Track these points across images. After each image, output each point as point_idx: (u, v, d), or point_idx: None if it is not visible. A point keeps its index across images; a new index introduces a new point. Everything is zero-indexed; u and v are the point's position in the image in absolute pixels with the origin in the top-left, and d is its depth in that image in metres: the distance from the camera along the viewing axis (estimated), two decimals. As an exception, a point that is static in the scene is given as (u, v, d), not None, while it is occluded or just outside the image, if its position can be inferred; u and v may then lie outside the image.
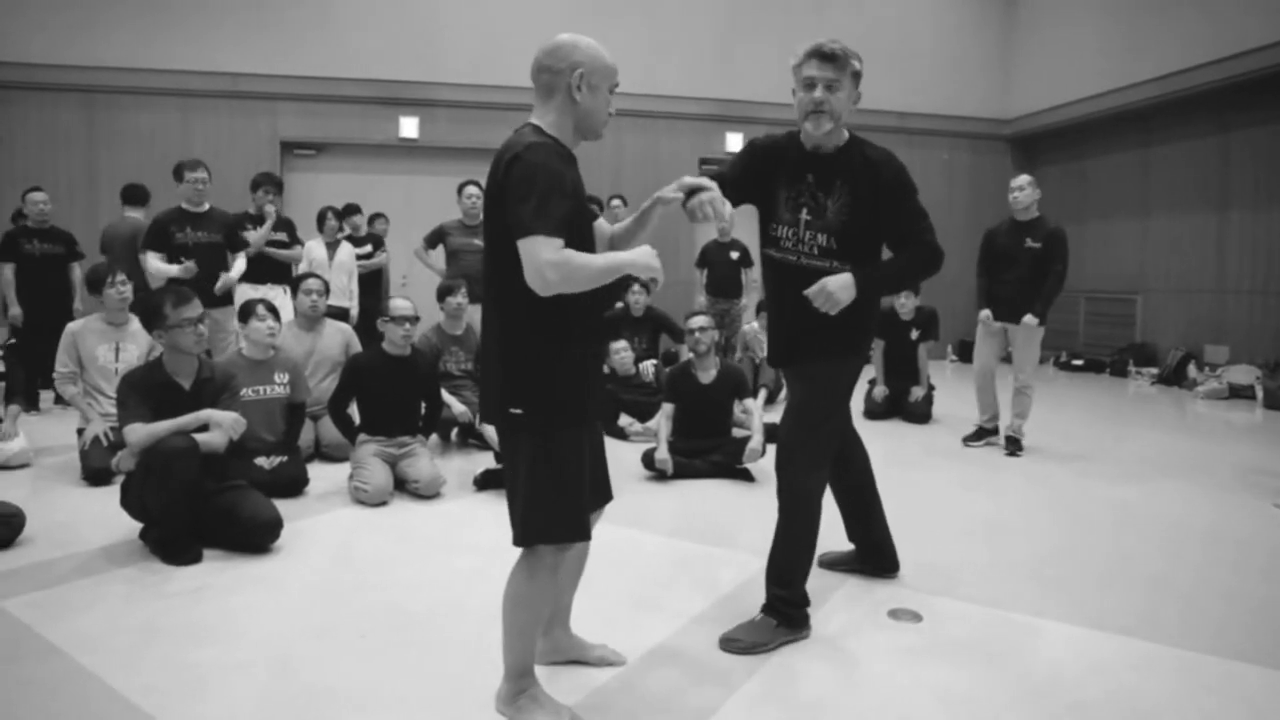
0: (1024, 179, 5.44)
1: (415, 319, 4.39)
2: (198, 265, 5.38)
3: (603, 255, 2.00)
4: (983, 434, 5.67)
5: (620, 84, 2.11)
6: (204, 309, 5.24)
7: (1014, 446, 5.40)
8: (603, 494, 2.25)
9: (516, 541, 2.03)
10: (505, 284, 1.97)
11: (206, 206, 5.59)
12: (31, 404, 6.10)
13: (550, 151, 1.93)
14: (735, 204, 2.60)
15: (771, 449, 4.95)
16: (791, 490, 2.65)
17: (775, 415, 6.42)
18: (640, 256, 2.02)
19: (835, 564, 3.19)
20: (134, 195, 6.81)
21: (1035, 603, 2.94)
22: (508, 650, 2.09)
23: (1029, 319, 5.28)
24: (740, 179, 2.67)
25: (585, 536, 2.07)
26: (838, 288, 2.45)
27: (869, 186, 2.55)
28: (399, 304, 4.42)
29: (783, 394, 7.14)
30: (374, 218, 7.97)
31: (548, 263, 1.86)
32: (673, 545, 3.34)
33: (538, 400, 1.97)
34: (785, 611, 2.62)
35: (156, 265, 5.37)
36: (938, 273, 2.65)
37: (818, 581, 3.10)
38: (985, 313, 5.56)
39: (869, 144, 2.66)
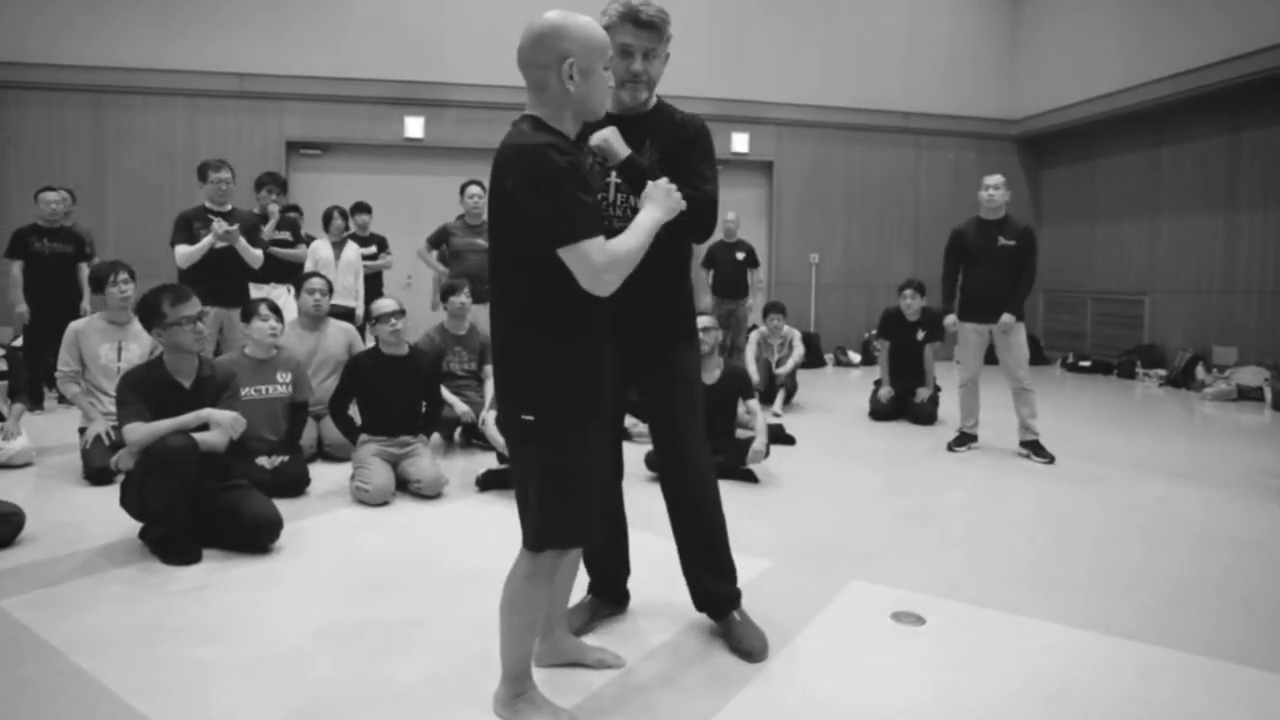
0: (998, 178, 5.39)
1: (400, 313, 4.39)
2: (222, 267, 5.34)
3: (633, 230, 1.95)
4: (966, 439, 5.56)
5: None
6: (221, 308, 5.33)
7: (1041, 451, 5.21)
8: (605, 498, 2.22)
9: (528, 545, 2.01)
10: (509, 286, 1.94)
11: (229, 206, 5.60)
12: (35, 403, 6.12)
13: (559, 150, 1.86)
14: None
15: (757, 449, 4.91)
16: (708, 485, 2.54)
17: (787, 418, 6.43)
18: (661, 205, 2.01)
19: (585, 627, 2.62)
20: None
21: (1040, 605, 2.91)
22: (504, 653, 2.07)
23: (1007, 318, 5.21)
24: None
25: (594, 541, 2.06)
26: (616, 137, 2.26)
27: (676, 144, 2.43)
28: (380, 303, 4.45)
29: (795, 397, 7.15)
30: (355, 208, 7.64)
31: (602, 266, 1.84)
32: (674, 547, 3.31)
33: (549, 405, 1.93)
34: (740, 594, 2.60)
35: (185, 250, 5.31)
36: (705, 230, 2.46)
37: (818, 584, 3.08)
38: (951, 318, 5.56)
39: (676, 108, 2.54)
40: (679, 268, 2.56)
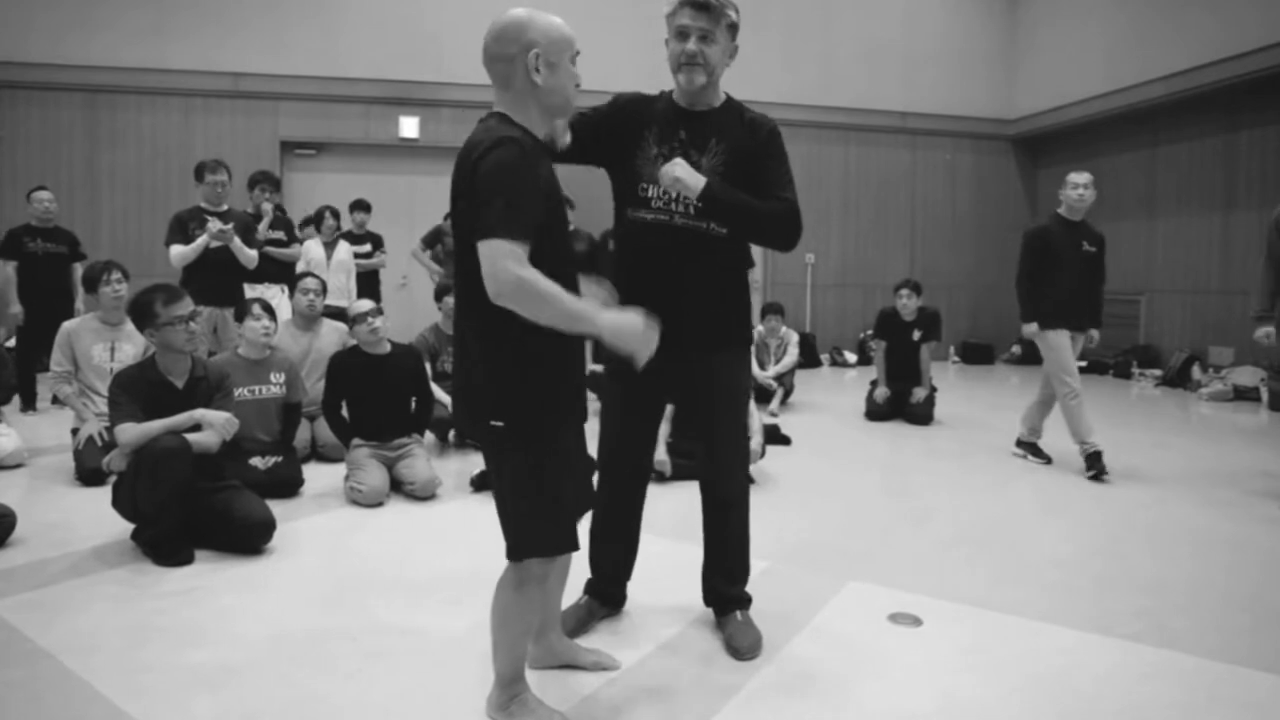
0: (1087, 176, 4.90)
1: (377, 312, 4.38)
2: (215, 267, 5.31)
3: (576, 301, 1.82)
4: (1100, 459, 4.78)
5: (620, 84, 2.00)
6: (214, 308, 5.30)
7: (1039, 453, 5.10)
8: (585, 500, 2.20)
9: (510, 555, 1.98)
10: (475, 288, 1.87)
11: (225, 207, 5.58)
12: (28, 404, 6.09)
13: (521, 148, 1.80)
14: (590, 146, 2.43)
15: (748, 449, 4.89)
16: (738, 488, 2.60)
17: (783, 418, 6.42)
18: (618, 325, 1.82)
19: (580, 628, 2.60)
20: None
21: (1039, 607, 2.90)
22: (497, 658, 2.05)
23: (1095, 333, 5.00)
24: (601, 121, 2.44)
25: (575, 547, 2.02)
26: (686, 172, 2.25)
27: (746, 146, 2.40)
28: (357, 304, 4.48)
29: (791, 397, 7.14)
30: (354, 206, 7.65)
31: (505, 269, 1.72)
32: (670, 548, 3.30)
33: (518, 409, 1.88)
34: (749, 599, 2.65)
35: (180, 250, 5.30)
36: (792, 241, 2.41)
37: (815, 585, 3.07)
38: (1032, 327, 4.86)
39: (747, 107, 2.51)
40: (739, 274, 2.54)
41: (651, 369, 2.43)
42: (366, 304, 4.43)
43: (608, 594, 2.73)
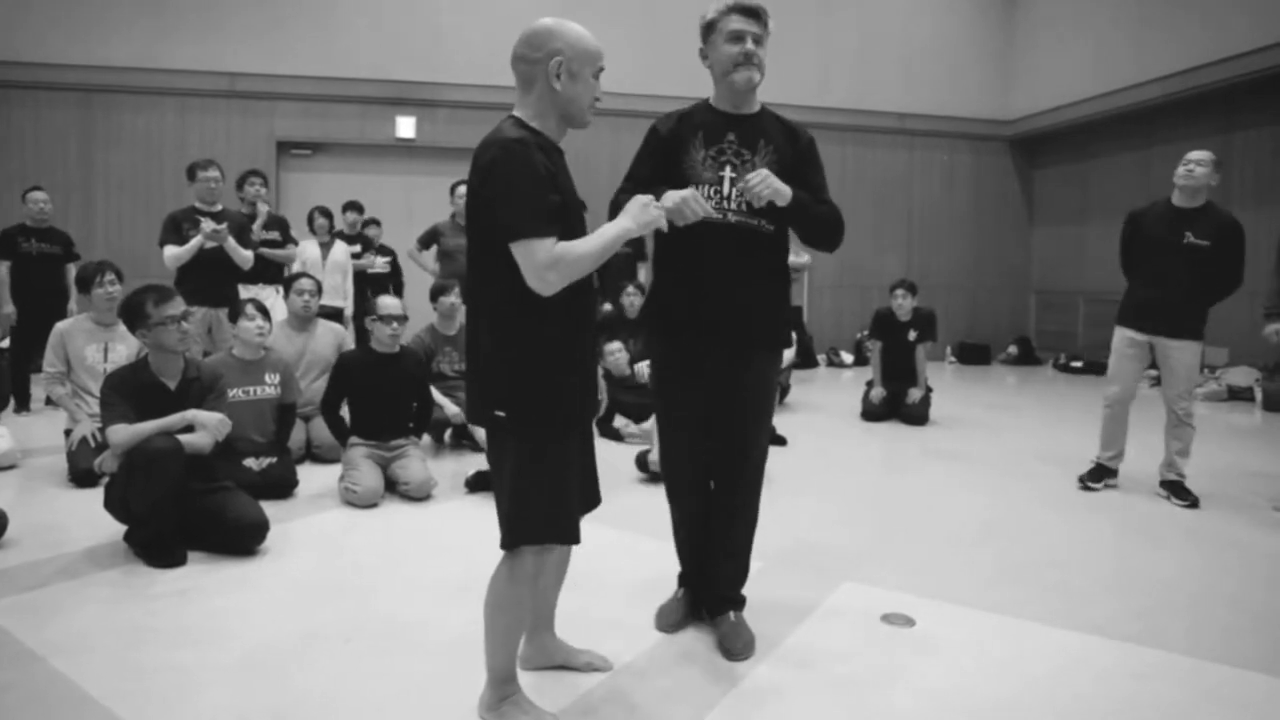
0: (1206, 154, 4.20)
1: (403, 318, 4.37)
2: (210, 267, 5.29)
3: (596, 235, 1.91)
4: (1104, 473, 4.56)
5: (620, 84, 2.01)
6: (208, 308, 5.28)
7: (1183, 494, 4.24)
8: (591, 498, 2.20)
9: (503, 544, 1.98)
10: (487, 285, 1.93)
11: (219, 206, 5.56)
12: (22, 405, 6.07)
13: (530, 147, 1.86)
14: (660, 186, 2.44)
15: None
16: (751, 492, 2.61)
17: (779, 418, 6.40)
18: (635, 218, 1.96)
19: (678, 624, 2.67)
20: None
21: (1034, 607, 2.90)
22: (490, 655, 2.05)
23: (1188, 343, 4.22)
24: (653, 170, 2.50)
25: (573, 539, 2.02)
26: (773, 179, 2.34)
27: (789, 151, 2.52)
28: (386, 302, 4.42)
29: (788, 398, 7.13)
30: (367, 222, 7.81)
31: (544, 264, 1.82)
32: (666, 548, 3.28)
33: (522, 404, 1.91)
34: (744, 600, 2.66)
35: (174, 251, 5.26)
36: (839, 243, 2.59)
37: (809, 585, 3.06)
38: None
39: (782, 115, 2.62)
40: (783, 275, 2.59)
41: (693, 369, 2.50)
42: (398, 307, 4.41)
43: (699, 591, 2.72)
